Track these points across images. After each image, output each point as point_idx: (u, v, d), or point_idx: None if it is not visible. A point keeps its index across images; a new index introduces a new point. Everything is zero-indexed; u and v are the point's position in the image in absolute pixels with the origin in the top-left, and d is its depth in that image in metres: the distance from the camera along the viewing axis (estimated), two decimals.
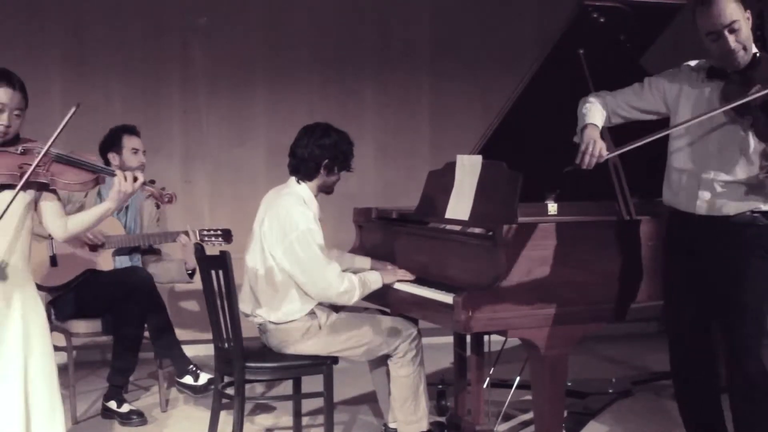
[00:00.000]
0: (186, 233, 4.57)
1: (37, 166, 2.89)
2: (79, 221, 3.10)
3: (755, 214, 3.07)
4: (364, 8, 6.32)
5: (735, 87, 3.00)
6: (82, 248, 4.50)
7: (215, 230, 4.65)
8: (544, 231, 3.37)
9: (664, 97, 3.28)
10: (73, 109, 2.87)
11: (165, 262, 4.77)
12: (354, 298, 3.67)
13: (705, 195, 3.12)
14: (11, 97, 2.93)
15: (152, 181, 3.16)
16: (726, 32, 2.96)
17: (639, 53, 3.87)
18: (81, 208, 4.24)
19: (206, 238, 4.61)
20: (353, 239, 4.38)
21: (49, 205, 3.04)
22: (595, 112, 3.32)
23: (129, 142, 4.69)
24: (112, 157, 4.65)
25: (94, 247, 4.51)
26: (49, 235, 4.35)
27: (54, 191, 3.05)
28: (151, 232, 4.71)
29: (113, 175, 3.06)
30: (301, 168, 3.76)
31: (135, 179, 3.02)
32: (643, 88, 3.34)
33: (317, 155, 3.72)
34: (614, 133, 3.52)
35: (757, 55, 3.02)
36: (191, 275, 4.68)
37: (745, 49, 2.99)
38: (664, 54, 3.94)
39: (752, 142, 3.05)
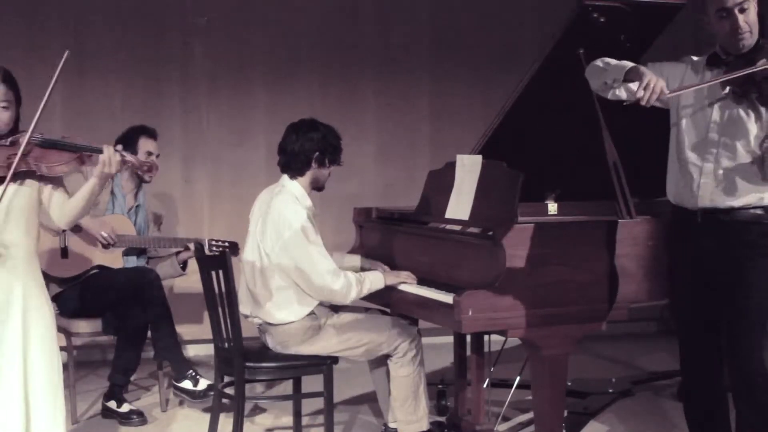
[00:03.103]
0: (199, 241, 4.60)
1: (22, 154, 2.81)
2: (73, 205, 2.97)
3: (759, 212, 3.04)
4: (364, 8, 6.32)
5: (738, 69, 2.99)
6: (95, 246, 4.51)
7: (223, 242, 4.69)
8: (543, 231, 3.37)
9: (666, 81, 3.25)
10: (65, 56, 2.81)
11: (158, 260, 4.79)
12: (351, 296, 3.65)
13: (707, 185, 3.07)
14: None
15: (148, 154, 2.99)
16: (736, 11, 2.99)
17: (639, 53, 3.86)
18: (97, 205, 4.31)
19: (214, 249, 4.66)
20: (353, 239, 4.38)
21: (55, 195, 2.97)
22: (624, 61, 3.22)
23: (145, 145, 4.66)
24: None
25: (107, 246, 4.51)
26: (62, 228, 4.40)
27: (58, 181, 2.98)
28: (162, 236, 4.76)
29: (99, 152, 2.94)
30: (292, 163, 3.75)
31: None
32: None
33: (307, 149, 3.72)
34: (614, 134, 3.53)
35: (760, 41, 3.05)
36: (183, 268, 4.74)
37: (751, 32, 3.01)
38: (664, 54, 3.94)
39: (754, 127, 3.01)
